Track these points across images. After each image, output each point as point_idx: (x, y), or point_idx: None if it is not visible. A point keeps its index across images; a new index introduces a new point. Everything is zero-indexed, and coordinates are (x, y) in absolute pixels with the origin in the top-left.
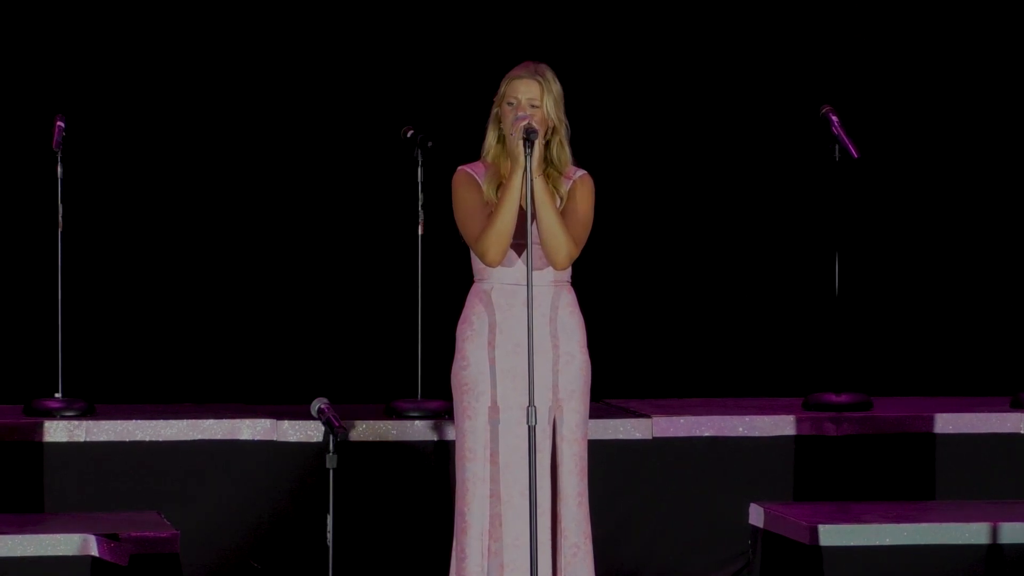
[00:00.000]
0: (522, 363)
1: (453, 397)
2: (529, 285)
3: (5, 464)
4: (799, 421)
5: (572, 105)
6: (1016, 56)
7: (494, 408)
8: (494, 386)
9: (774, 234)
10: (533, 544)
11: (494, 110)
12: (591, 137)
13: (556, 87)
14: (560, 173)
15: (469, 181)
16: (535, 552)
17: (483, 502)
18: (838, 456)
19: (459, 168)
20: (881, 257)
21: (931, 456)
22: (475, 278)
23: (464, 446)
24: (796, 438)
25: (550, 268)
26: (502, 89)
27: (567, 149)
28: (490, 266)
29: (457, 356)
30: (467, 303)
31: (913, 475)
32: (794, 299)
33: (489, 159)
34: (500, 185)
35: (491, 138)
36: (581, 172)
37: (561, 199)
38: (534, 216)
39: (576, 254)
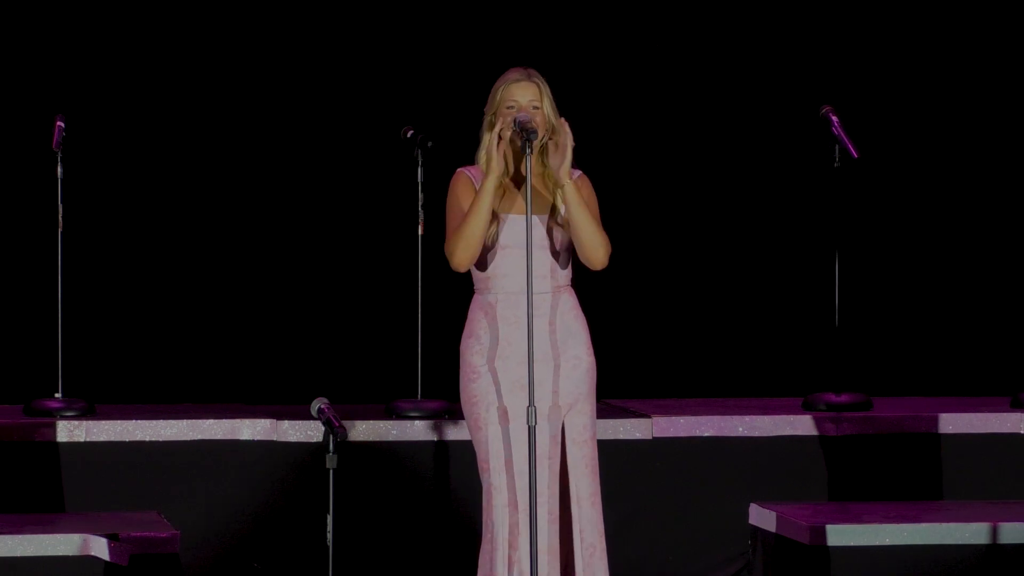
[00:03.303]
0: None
1: (464, 411)
2: (529, 286)
3: (5, 464)
4: (799, 421)
5: (571, 106)
6: (1016, 56)
7: (505, 418)
8: (504, 397)
9: (774, 234)
10: (534, 545)
11: (487, 118)
12: (591, 137)
13: (549, 89)
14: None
15: (465, 184)
16: (535, 553)
17: (503, 511)
18: (838, 456)
19: (458, 170)
20: (881, 257)
21: (931, 456)
22: (475, 289)
23: (481, 458)
24: (796, 438)
25: (552, 273)
26: (498, 95)
27: None
28: (456, 270)
29: (465, 369)
30: (471, 316)
31: (913, 475)
32: (794, 299)
33: (484, 168)
34: (498, 190)
35: (486, 145)
36: (578, 173)
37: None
38: (565, 222)
39: (610, 250)
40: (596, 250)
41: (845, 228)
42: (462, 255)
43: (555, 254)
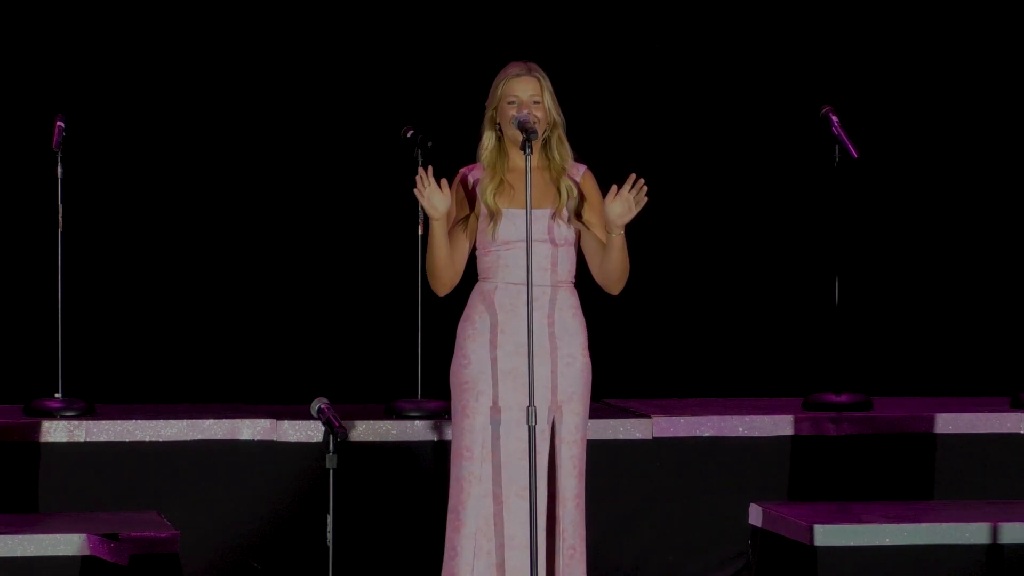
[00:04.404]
0: (523, 364)
1: (452, 395)
2: (529, 285)
3: (5, 464)
4: (799, 421)
5: (570, 106)
6: (1016, 56)
7: (495, 408)
8: (495, 386)
9: (774, 233)
10: (533, 545)
11: (488, 113)
12: (589, 137)
13: (550, 83)
14: (563, 169)
15: (455, 190)
16: (535, 554)
17: (478, 501)
18: (838, 456)
19: (460, 170)
20: (881, 257)
21: (931, 456)
22: (479, 277)
23: (461, 444)
24: (796, 438)
25: (553, 267)
26: (499, 90)
27: (566, 144)
28: (437, 295)
29: (458, 354)
30: (469, 302)
31: (913, 475)
32: (794, 299)
33: (486, 163)
34: (499, 187)
35: (487, 141)
36: (583, 167)
37: (571, 197)
38: (580, 225)
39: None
40: (619, 284)
41: (845, 228)
42: (435, 286)
43: (557, 249)
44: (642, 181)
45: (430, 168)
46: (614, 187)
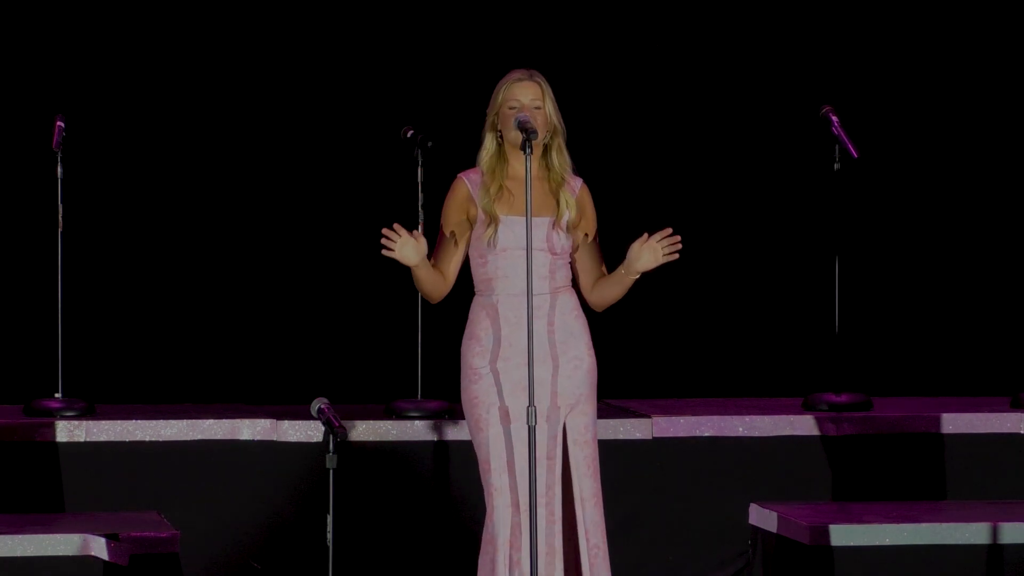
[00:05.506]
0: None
1: (465, 412)
2: (529, 290)
3: (5, 464)
4: (799, 421)
5: (570, 107)
6: (1016, 56)
7: (506, 418)
8: (506, 397)
9: (774, 234)
10: (534, 545)
11: (490, 118)
12: (590, 138)
13: (551, 90)
14: (563, 180)
15: (455, 195)
16: (535, 553)
17: (505, 512)
18: (838, 456)
19: (458, 175)
20: (881, 257)
21: (931, 456)
22: (477, 291)
23: (482, 459)
24: (796, 438)
25: (552, 274)
26: (500, 95)
27: (566, 153)
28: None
29: (466, 371)
30: (472, 318)
31: (913, 475)
32: (794, 299)
33: (485, 168)
34: (498, 193)
35: (488, 146)
36: (580, 181)
37: (570, 208)
38: (571, 225)
39: None
40: (605, 307)
41: (845, 228)
42: (428, 299)
43: (555, 256)
44: (678, 238)
45: (396, 225)
46: (645, 235)
